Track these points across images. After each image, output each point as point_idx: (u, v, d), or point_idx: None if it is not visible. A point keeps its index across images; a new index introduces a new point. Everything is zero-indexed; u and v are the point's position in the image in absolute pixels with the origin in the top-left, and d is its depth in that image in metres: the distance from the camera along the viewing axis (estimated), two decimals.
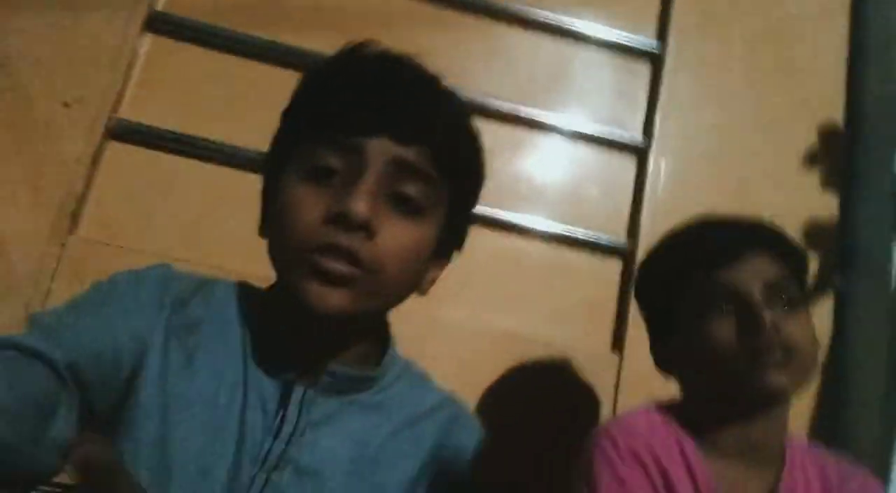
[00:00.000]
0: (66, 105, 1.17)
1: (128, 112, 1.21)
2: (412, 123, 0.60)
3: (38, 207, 1.12)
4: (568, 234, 1.31)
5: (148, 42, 1.24)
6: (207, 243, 1.17)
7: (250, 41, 1.27)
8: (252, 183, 1.17)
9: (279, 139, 0.67)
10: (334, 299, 0.57)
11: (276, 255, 0.63)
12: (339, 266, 0.56)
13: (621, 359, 1.25)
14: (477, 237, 1.26)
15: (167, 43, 1.25)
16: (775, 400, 0.77)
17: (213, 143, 1.22)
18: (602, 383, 1.23)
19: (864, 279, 1.35)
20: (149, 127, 1.20)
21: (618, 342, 1.27)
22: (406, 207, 0.60)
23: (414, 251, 0.61)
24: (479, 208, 1.19)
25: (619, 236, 1.33)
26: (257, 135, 1.18)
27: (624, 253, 1.32)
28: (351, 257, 0.57)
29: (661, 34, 1.43)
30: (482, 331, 1.22)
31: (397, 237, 0.59)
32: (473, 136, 0.67)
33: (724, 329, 0.77)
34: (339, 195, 0.57)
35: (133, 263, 0.67)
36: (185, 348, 0.60)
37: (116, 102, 1.20)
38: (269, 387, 0.61)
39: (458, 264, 1.21)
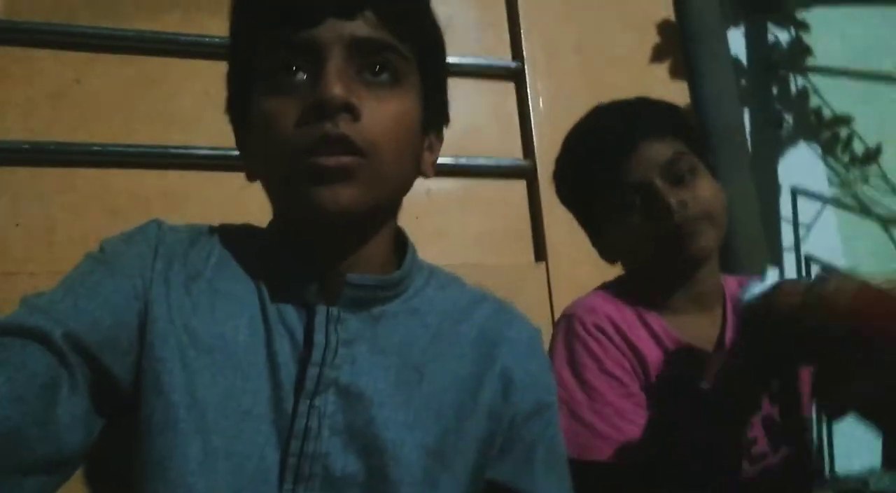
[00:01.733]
0: None
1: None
2: (347, 3, 0.56)
3: None
4: (470, 164, 1.38)
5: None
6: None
7: (105, 35, 1.20)
8: (146, 178, 1.17)
9: (234, 71, 0.63)
10: (343, 196, 0.54)
11: (270, 178, 0.59)
12: (335, 159, 0.53)
13: (547, 267, 1.35)
14: None
15: (21, 52, 1.16)
16: (707, 258, 0.86)
17: (98, 146, 1.15)
18: (535, 292, 1.33)
19: (725, 151, 1.54)
20: (25, 143, 1.12)
21: (540, 253, 1.37)
22: (377, 80, 0.57)
23: (403, 123, 0.58)
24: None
25: (517, 158, 1.42)
26: (139, 129, 1.18)
27: (526, 172, 1.41)
28: (345, 145, 0.53)
29: None
30: None
31: (381, 112, 0.56)
32: None
33: (637, 220, 0.84)
34: (307, 92, 0.54)
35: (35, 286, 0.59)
36: (191, 296, 0.56)
37: None
38: (290, 314, 0.57)
39: None
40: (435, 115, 0.65)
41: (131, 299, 0.54)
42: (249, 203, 0.71)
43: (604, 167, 0.86)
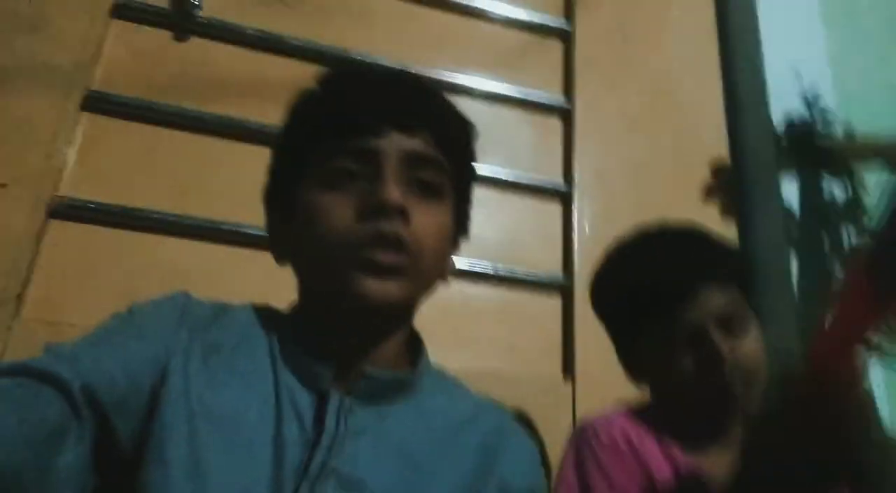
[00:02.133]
0: (2, 186, 1.15)
1: (70, 190, 1.20)
2: (414, 117, 0.64)
3: None
4: (510, 275, 1.40)
5: (86, 120, 1.25)
6: None
7: (185, 114, 1.31)
8: (198, 251, 1.22)
9: (282, 162, 0.70)
10: (391, 289, 0.59)
11: (313, 265, 0.64)
12: (389, 256, 0.59)
13: (574, 385, 1.32)
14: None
15: (105, 120, 1.26)
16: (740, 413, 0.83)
17: (157, 213, 1.23)
18: (559, 408, 1.29)
19: (769, 296, 1.51)
20: (91, 203, 1.20)
21: (568, 370, 1.35)
22: (425, 192, 0.63)
23: (443, 232, 0.65)
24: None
25: (556, 274, 1.43)
26: (200, 204, 1.25)
27: (562, 288, 1.42)
28: (398, 244, 0.59)
29: (567, 91, 1.60)
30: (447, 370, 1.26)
31: (428, 219, 0.62)
32: (464, 119, 0.72)
33: (685, 364, 0.82)
34: (365, 193, 0.60)
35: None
36: (208, 369, 0.58)
37: (56, 181, 1.19)
38: (303, 398, 0.59)
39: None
40: (461, 228, 0.72)
41: (150, 365, 0.56)
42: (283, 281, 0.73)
43: (656, 305, 0.84)
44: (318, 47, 1.43)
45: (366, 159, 0.62)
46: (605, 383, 1.11)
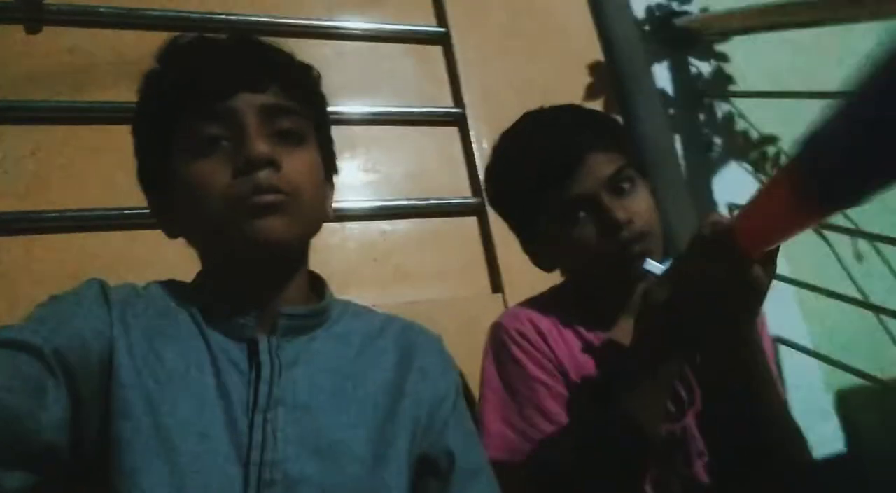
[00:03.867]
0: None
1: None
2: (261, 73, 0.69)
3: None
4: (423, 205, 1.45)
5: None
6: None
7: (65, 107, 1.26)
8: (109, 240, 1.20)
9: (146, 141, 0.73)
10: (276, 225, 0.65)
11: (201, 227, 0.69)
12: (267, 197, 0.64)
13: (504, 297, 1.41)
14: (348, 231, 1.37)
15: None
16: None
17: (58, 212, 1.20)
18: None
19: (659, 174, 1.63)
20: None
21: (497, 285, 1.43)
22: (289, 140, 0.69)
23: (314, 173, 0.71)
24: (343, 205, 1.34)
25: (466, 196, 1.49)
26: (94, 193, 1.21)
27: (476, 209, 1.49)
28: (275, 190, 0.65)
29: (440, 18, 1.62)
30: (381, 308, 1.30)
31: (297, 164, 0.68)
32: (307, 66, 0.78)
33: (585, 234, 0.85)
34: (233, 155, 0.65)
35: None
36: (144, 339, 0.64)
37: None
38: (234, 349, 0.66)
39: (336, 257, 1.33)
40: (329, 167, 0.78)
41: (96, 333, 0.62)
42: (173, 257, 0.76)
43: (547, 179, 0.86)
44: (180, 14, 1.38)
45: (226, 121, 0.66)
46: (533, 290, 1.19)
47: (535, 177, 0.88)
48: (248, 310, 0.68)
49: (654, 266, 0.79)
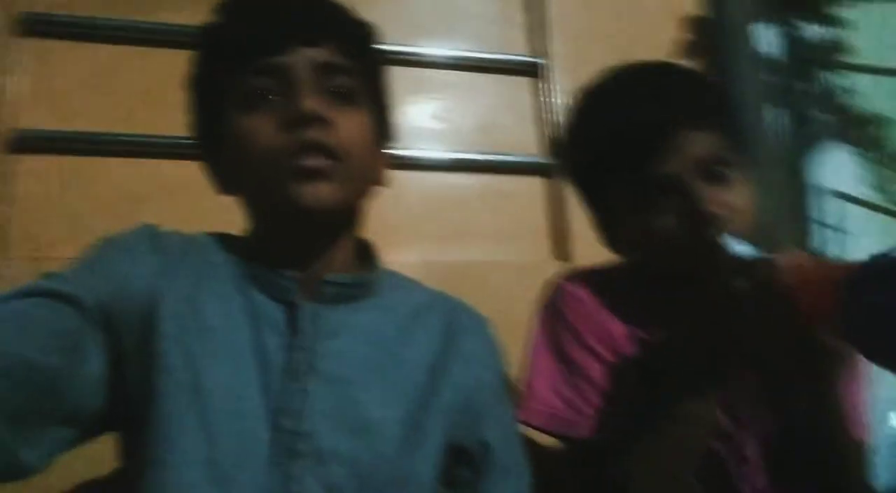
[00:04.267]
0: None
1: (28, 122, 1.14)
2: (317, 29, 0.67)
3: None
4: (490, 160, 1.37)
5: (30, 47, 1.17)
6: None
7: (136, 27, 1.23)
8: (168, 169, 1.19)
9: (200, 95, 0.71)
10: (322, 191, 0.62)
11: (250, 185, 0.67)
12: (315, 160, 0.62)
13: (567, 266, 1.33)
14: (406, 180, 1.31)
15: (51, 44, 1.19)
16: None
17: (120, 136, 1.18)
18: None
19: (750, 146, 1.50)
20: (53, 133, 1.15)
21: (561, 252, 1.36)
22: (341, 100, 0.66)
23: (365, 135, 0.68)
24: (406, 152, 1.29)
25: (536, 154, 1.41)
26: (163, 120, 1.20)
27: (545, 169, 1.40)
28: (324, 150, 0.62)
29: None
30: (433, 266, 1.27)
31: (348, 123, 0.65)
32: (365, 24, 0.74)
33: (664, 221, 0.74)
34: (283, 109, 0.63)
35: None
36: (187, 291, 0.63)
37: (12, 114, 1.13)
38: (275, 312, 0.64)
39: (395, 207, 1.29)
40: (384, 131, 0.75)
41: (139, 285, 0.61)
42: None
43: (627, 153, 0.75)
44: None
45: (278, 76, 0.64)
46: (598, 260, 1.12)
47: (612, 149, 0.76)
48: (290, 272, 0.66)
49: (743, 248, 0.68)
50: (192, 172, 1.18)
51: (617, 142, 0.76)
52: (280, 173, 0.62)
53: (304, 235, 0.67)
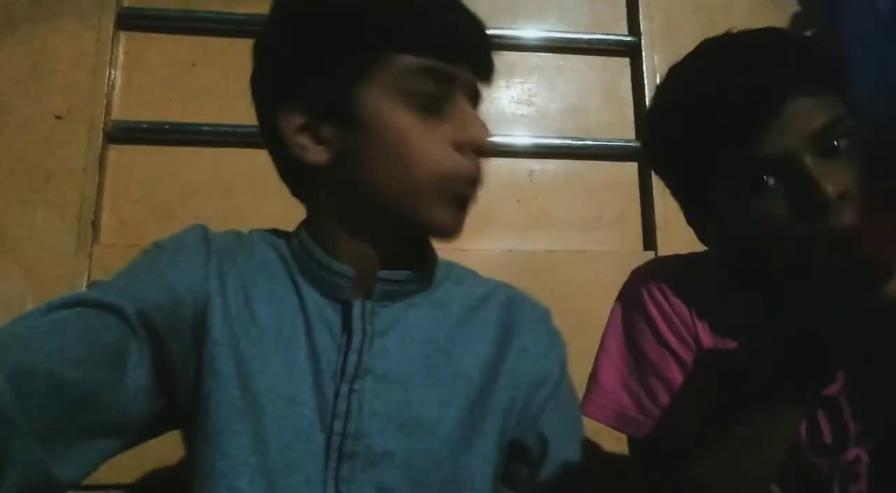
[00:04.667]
0: (58, 117, 1.16)
1: (121, 113, 1.19)
2: (486, 57, 0.65)
3: (59, 222, 1.12)
4: (578, 145, 1.31)
5: (124, 40, 1.22)
6: (229, 224, 1.17)
7: (223, 19, 1.25)
8: (257, 158, 1.20)
9: (326, 57, 0.62)
10: (462, 221, 0.63)
11: (386, 186, 0.61)
12: (473, 191, 0.63)
13: (656, 256, 1.26)
14: (493, 167, 1.27)
15: (143, 37, 1.23)
16: None
17: (212, 126, 1.21)
18: None
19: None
20: (145, 123, 1.19)
21: (649, 242, 1.28)
22: None
23: None
24: (491, 138, 1.24)
25: (629, 140, 1.33)
26: (251, 110, 1.21)
27: (638, 154, 1.32)
28: (480, 181, 0.64)
29: None
30: (515, 256, 1.23)
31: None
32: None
33: (773, 212, 0.63)
34: (453, 122, 0.61)
35: None
36: (240, 293, 0.62)
37: (108, 106, 1.18)
38: (328, 310, 0.63)
39: (480, 195, 1.25)
40: None
41: (190, 291, 0.59)
42: None
43: (725, 132, 0.64)
44: None
45: (442, 84, 0.61)
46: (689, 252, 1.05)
47: (710, 124, 0.65)
48: (344, 269, 0.63)
49: None
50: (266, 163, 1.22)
51: (716, 116, 0.65)
52: (440, 193, 0.61)
53: (404, 246, 0.66)
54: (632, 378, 0.73)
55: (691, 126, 0.68)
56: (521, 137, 1.30)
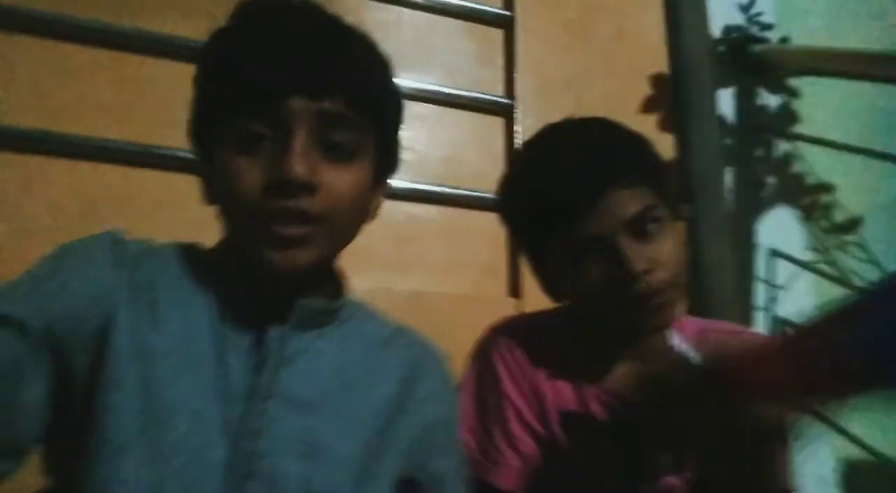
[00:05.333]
0: None
1: None
2: (326, 75, 0.61)
3: None
4: (453, 194, 1.38)
5: None
6: None
7: (100, 29, 1.21)
8: (127, 175, 1.16)
9: (199, 107, 0.66)
10: (297, 259, 0.60)
11: (227, 224, 0.65)
12: (292, 230, 0.59)
13: (519, 303, 1.35)
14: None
15: (17, 38, 1.16)
16: (658, 329, 0.79)
17: (77, 138, 1.15)
18: None
19: (705, 205, 1.55)
20: (8, 129, 1.11)
21: (515, 290, 1.37)
22: (338, 154, 0.61)
23: (355, 193, 0.63)
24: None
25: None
26: (121, 126, 1.17)
27: None
28: (301, 217, 0.59)
29: (508, 5, 1.54)
30: (388, 294, 1.26)
31: (337, 186, 0.61)
32: (382, 65, 0.69)
33: (595, 277, 0.76)
34: (273, 159, 0.59)
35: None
36: (148, 304, 0.60)
37: None
38: (241, 331, 0.63)
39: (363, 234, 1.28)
40: (385, 170, 0.71)
41: (94, 300, 0.58)
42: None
43: (558, 215, 0.76)
44: None
45: (273, 122, 0.59)
46: (551, 302, 1.13)
47: (544, 208, 0.77)
48: (263, 297, 0.64)
49: (684, 347, 0.75)
50: (143, 181, 1.18)
51: (548, 202, 0.77)
52: (255, 234, 0.60)
53: (276, 285, 0.64)
54: (477, 425, 0.82)
55: (531, 206, 0.80)
56: (401, 181, 1.35)
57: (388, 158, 0.71)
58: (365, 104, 0.63)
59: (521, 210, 0.83)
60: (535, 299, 1.32)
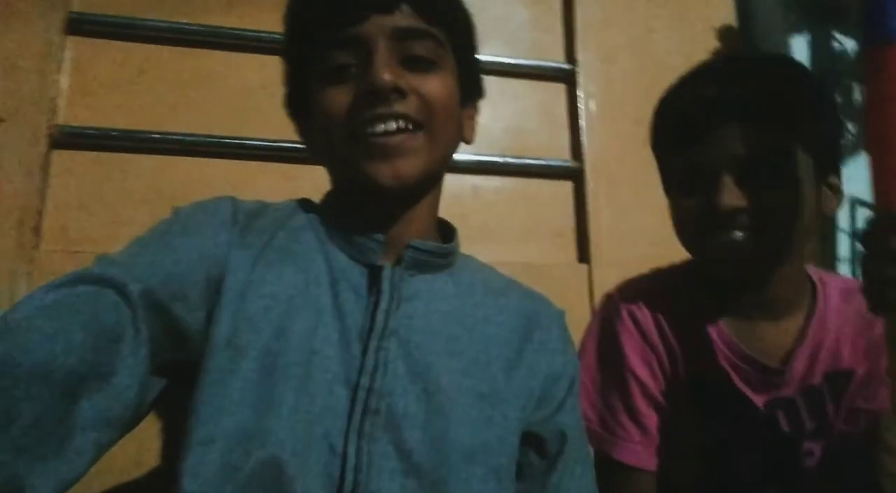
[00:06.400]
0: (1, 120, 1.13)
1: (66, 118, 1.18)
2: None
3: None
4: (519, 163, 1.38)
5: (72, 45, 1.21)
6: None
7: (171, 29, 1.26)
8: (204, 166, 1.21)
9: (290, 70, 0.71)
10: (400, 168, 0.62)
11: (330, 158, 0.68)
12: (393, 138, 0.61)
13: (590, 269, 1.34)
14: None
15: (91, 42, 1.22)
16: (747, 274, 0.76)
17: (159, 134, 1.21)
18: (576, 294, 1.32)
19: None
20: (91, 129, 1.18)
21: (584, 255, 1.37)
22: (419, 65, 0.64)
23: (444, 97, 0.65)
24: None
25: (565, 159, 1.42)
26: (199, 120, 1.23)
27: (573, 173, 1.41)
28: (401, 120, 0.61)
29: None
30: None
31: (426, 88, 0.63)
32: None
33: (688, 211, 0.75)
34: (360, 80, 0.62)
35: None
36: (265, 256, 0.63)
37: (52, 110, 1.17)
38: (354, 272, 0.64)
39: None
40: (470, 89, 0.72)
41: (203, 259, 0.60)
42: (300, 192, 0.76)
43: (675, 138, 0.77)
44: None
45: (356, 47, 0.63)
46: (621, 266, 1.12)
47: (666, 131, 0.80)
48: (374, 235, 0.65)
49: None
50: (221, 171, 1.23)
51: (669, 124, 0.78)
52: (360, 149, 0.62)
53: (386, 203, 0.66)
54: (597, 398, 0.81)
55: (659, 127, 0.81)
56: (465, 154, 1.36)
57: (469, 75, 0.72)
58: (436, 17, 0.65)
59: (654, 129, 0.83)
60: (605, 263, 1.33)
